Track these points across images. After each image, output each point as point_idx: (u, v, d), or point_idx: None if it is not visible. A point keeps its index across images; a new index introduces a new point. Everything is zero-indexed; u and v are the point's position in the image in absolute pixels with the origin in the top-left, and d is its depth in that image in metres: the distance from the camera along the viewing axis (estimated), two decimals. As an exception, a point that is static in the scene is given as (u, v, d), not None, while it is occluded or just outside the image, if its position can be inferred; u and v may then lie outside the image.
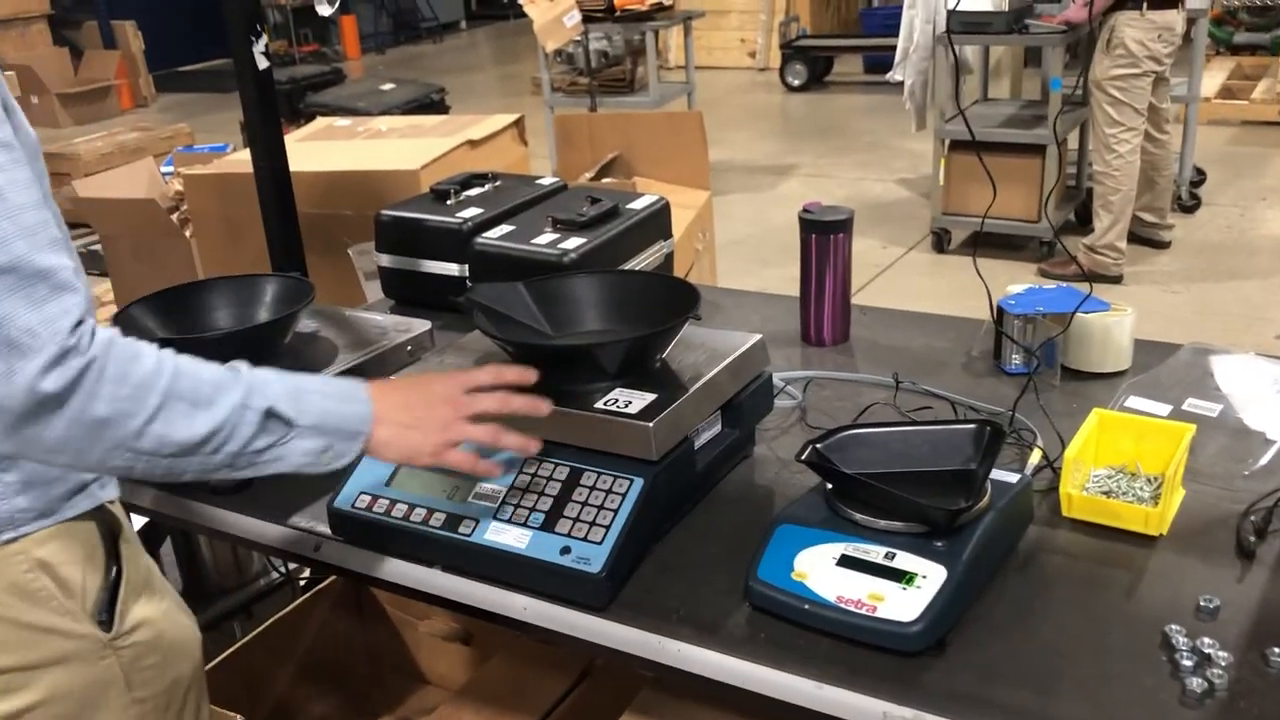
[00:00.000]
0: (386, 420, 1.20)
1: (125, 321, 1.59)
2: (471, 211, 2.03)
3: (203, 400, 1.08)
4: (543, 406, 1.25)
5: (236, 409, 1.10)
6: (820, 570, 1.17)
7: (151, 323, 1.62)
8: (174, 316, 1.65)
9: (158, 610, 1.25)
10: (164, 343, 1.54)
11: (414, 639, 2.09)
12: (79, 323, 1.01)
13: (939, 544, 1.16)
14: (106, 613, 1.19)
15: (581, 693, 1.69)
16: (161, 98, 10.25)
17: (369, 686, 2.10)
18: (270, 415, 1.12)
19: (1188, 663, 1.07)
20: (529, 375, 1.26)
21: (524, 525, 1.27)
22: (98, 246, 5.09)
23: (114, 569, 1.21)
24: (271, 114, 2.05)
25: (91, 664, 1.18)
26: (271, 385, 1.14)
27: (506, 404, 1.24)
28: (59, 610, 1.16)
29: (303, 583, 2.33)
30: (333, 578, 2.06)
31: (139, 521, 1.80)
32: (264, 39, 1.93)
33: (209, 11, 7.18)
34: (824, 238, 1.79)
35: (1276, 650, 1.07)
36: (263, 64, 1.94)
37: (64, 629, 1.16)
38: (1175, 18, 4.47)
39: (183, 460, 1.08)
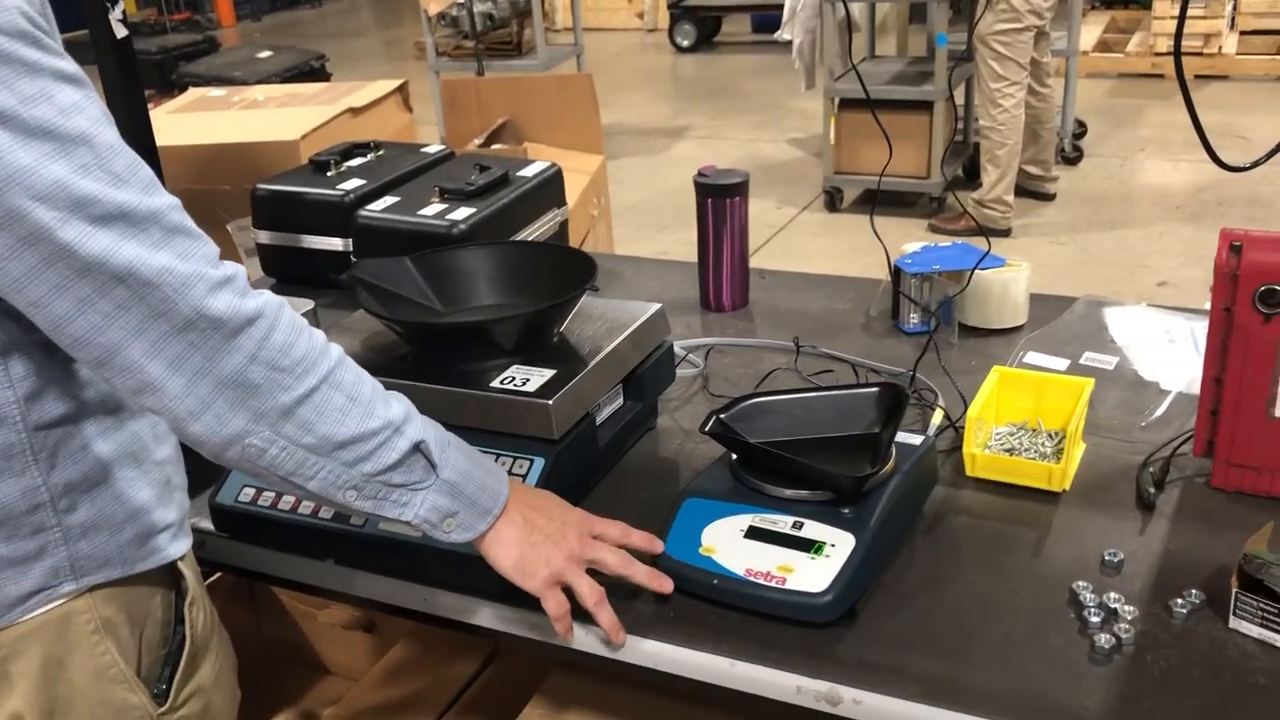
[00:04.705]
0: (517, 513, 1.07)
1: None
2: (354, 183, 1.95)
3: (361, 399, 0.97)
4: (667, 584, 1.13)
5: (390, 425, 0.98)
6: (728, 543, 1.14)
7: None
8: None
9: (210, 674, 1.13)
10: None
11: (313, 629, 2.01)
12: (219, 262, 0.90)
13: (846, 511, 1.14)
14: (165, 683, 1.07)
15: (489, 676, 1.65)
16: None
17: (269, 680, 2.03)
18: (418, 450, 1.00)
19: (1095, 619, 1.07)
20: (655, 545, 1.15)
21: (420, 512, 1.21)
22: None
23: (178, 635, 1.09)
24: (134, 87, 1.92)
25: None
26: (429, 424, 1.03)
27: (628, 567, 1.11)
28: (117, 679, 1.03)
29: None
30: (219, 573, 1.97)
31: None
32: (120, 5, 1.80)
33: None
34: (720, 202, 1.76)
35: (1179, 601, 1.08)
36: (121, 32, 1.81)
37: (120, 701, 1.03)
38: (1055, -28, 4.55)
39: (316, 460, 0.95)
